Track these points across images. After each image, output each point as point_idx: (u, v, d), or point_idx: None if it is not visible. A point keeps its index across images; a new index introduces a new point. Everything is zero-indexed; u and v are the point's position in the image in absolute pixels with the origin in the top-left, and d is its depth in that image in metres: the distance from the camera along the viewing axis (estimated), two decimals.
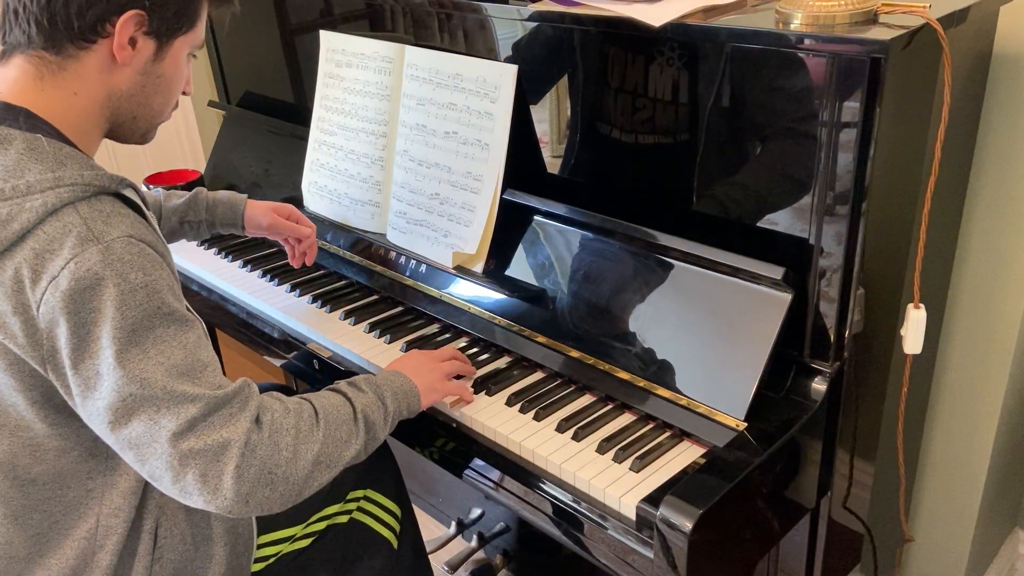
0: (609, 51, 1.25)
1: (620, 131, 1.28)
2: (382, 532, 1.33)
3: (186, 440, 0.92)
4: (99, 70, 0.98)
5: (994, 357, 1.45)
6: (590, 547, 1.09)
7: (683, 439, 1.15)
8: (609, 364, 1.23)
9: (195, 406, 0.92)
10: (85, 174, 0.93)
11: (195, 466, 0.92)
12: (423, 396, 1.18)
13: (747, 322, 1.13)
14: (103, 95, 1.00)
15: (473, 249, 1.40)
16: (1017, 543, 1.80)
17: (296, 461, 0.98)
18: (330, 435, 1.02)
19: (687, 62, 1.16)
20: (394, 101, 1.51)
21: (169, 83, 1.05)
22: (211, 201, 1.49)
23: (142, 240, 0.93)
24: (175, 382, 0.92)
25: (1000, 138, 1.33)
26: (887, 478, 1.42)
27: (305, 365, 1.47)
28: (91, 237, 0.89)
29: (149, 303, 0.91)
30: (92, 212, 0.91)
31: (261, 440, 0.96)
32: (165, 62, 1.02)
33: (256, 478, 0.94)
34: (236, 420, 0.95)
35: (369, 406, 1.09)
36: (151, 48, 1.00)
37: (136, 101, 1.02)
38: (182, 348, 0.94)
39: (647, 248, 1.23)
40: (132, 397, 0.90)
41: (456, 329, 1.43)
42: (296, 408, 1.02)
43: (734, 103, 1.13)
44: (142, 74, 1.01)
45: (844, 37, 1.00)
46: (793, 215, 1.11)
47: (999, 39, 1.28)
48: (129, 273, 0.90)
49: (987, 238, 1.39)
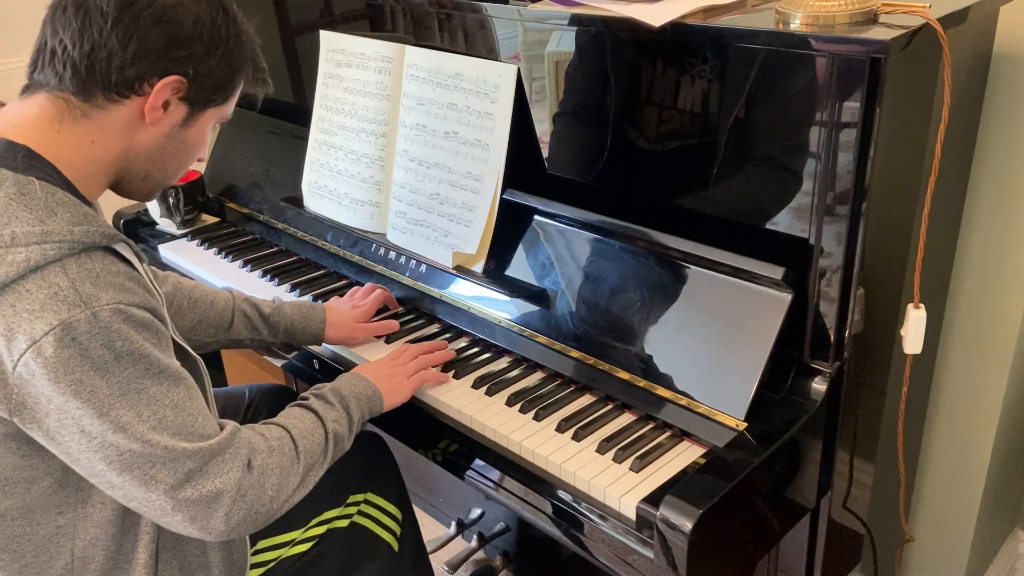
0: (608, 51, 1.25)
1: (618, 131, 1.28)
2: (383, 535, 1.33)
3: (183, 491, 0.93)
4: (124, 125, 0.96)
5: (994, 357, 1.45)
6: (590, 547, 1.09)
7: (683, 439, 1.15)
8: (609, 364, 1.23)
9: (191, 460, 0.93)
10: (75, 229, 0.88)
11: (187, 511, 0.94)
12: (386, 399, 1.21)
13: (747, 322, 1.13)
14: (121, 149, 0.98)
15: (473, 249, 1.40)
16: (1017, 543, 1.80)
17: (278, 497, 1.02)
18: (307, 463, 1.06)
19: (686, 62, 1.16)
20: (394, 101, 1.51)
21: (190, 149, 1.04)
22: (288, 326, 1.40)
23: (131, 304, 0.89)
24: (170, 439, 0.92)
25: (1000, 138, 1.33)
26: (887, 478, 1.42)
27: (305, 365, 1.47)
28: (79, 302, 0.86)
29: (135, 368, 0.89)
30: (81, 272, 0.87)
31: (251, 485, 0.98)
32: (192, 129, 1.01)
33: (243, 518, 0.98)
34: (229, 469, 0.96)
35: (337, 420, 1.13)
36: (182, 114, 0.99)
37: (152, 161, 1.01)
38: (173, 406, 0.93)
39: (647, 248, 1.23)
40: (131, 454, 0.90)
41: (456, 329, 1.43)
42: (278, 445, 1.04)
43: (734, 103, 1.13)
44: (167, 137, 1.00)
45: (844, 37, 1.00)
46: (793, 215, 1.11)
47: (999, 39, 1.28)
48: (116, 342, 0.87)
49: (987, 238, 1.39)
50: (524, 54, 1.38)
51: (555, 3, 1.27)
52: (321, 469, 1.09)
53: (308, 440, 1.07)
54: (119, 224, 1.93)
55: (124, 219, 1.93)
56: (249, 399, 1.47)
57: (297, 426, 1.08)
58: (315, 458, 1.08)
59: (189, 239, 1.86)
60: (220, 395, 1.47)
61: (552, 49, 1.33)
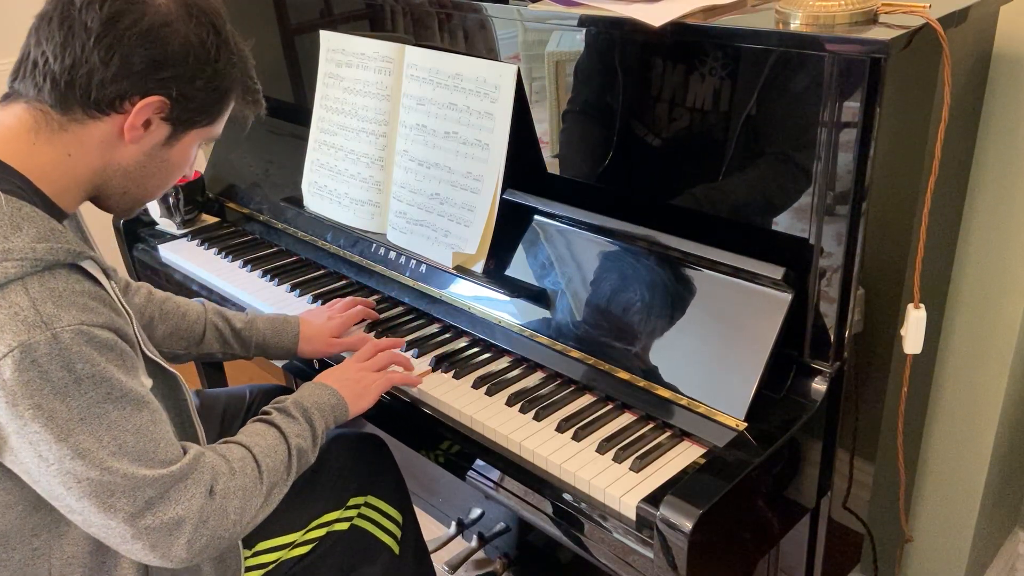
0: (608, 51, 1.25)
1: (619, 131, 1.28)
2: (383, 538, 1.33)
3: (143, 519, 0.91)
4: (102, 141, 0.94)
5: (994, 357, 1.45)
6: (590, 547, 1.09)
7: (683, 439, 1.15)
8: (609, 364, 1.23)
9: (151, 488, 0.91)
10: (39, 247, 0.85)
11: (147, 539, 0.92)
12: (351, 405, 1.20)
13: (747, 322, 1.13)
14: (99, 165, 0.95)
15: (473, 249, 1.40)
16: (1017, 543, 1.80)
17: (241, 520, 1.00)
18: (270, 481, 1.04)
19: (687, 63, 1.16)
20: (394, 101, 1.51)
21: (171, 168, 1.01)
22: (260, 341, 1.39)
23: (94, 325, 0.87)
24: (130, 466, 0.89)
25: (1000, 138, 1.33)
26: (887, 478, 1.42)
27: (305, 365, 1.47)
28: (39, 323, 0.83)
29: (96, 392, 0.87)
30: (43, 291, 0.84)
31: (213, 510, 0.96)
32: (174, 149, 0.99)
33: (205, 545, 0.96)
34: (192, 495, 0.94)
35: (300, 435, 1.11)
36: (164, 133, 0.96)
37: (131, 178, 0.98)
38: (134, 431, 0.90)
39: (647, 248, 1.23)
40: (89, 481, 0.88)
41: (456, 329, 1.43)
42: (240, 467, 1.02)
43: (734, 103, 1.13)
44: (147, 155, 0.97)
45: (844, 37, 1.00)
46: (793, 215, 1.11)
47: (999, 39, 1.28)
48: (76, 364, 0.85)
49: (987, 238, 1.39)
50: (524, 54, 1.38)
51: (555, 3, 1.27)
52: (285, 486, 1.07)
53: (271, 458, 1.05)
54: (119, 224, 1.93)
55: (124, 219, 1.93)
56: (250, 399, 1.47)
57: (260, 444, 1.06)
58: (278, 476, 1.06)
59: (189, 239, 1.86)
60: (221, 395, 1.47)
61: (552, 49, 1.33)
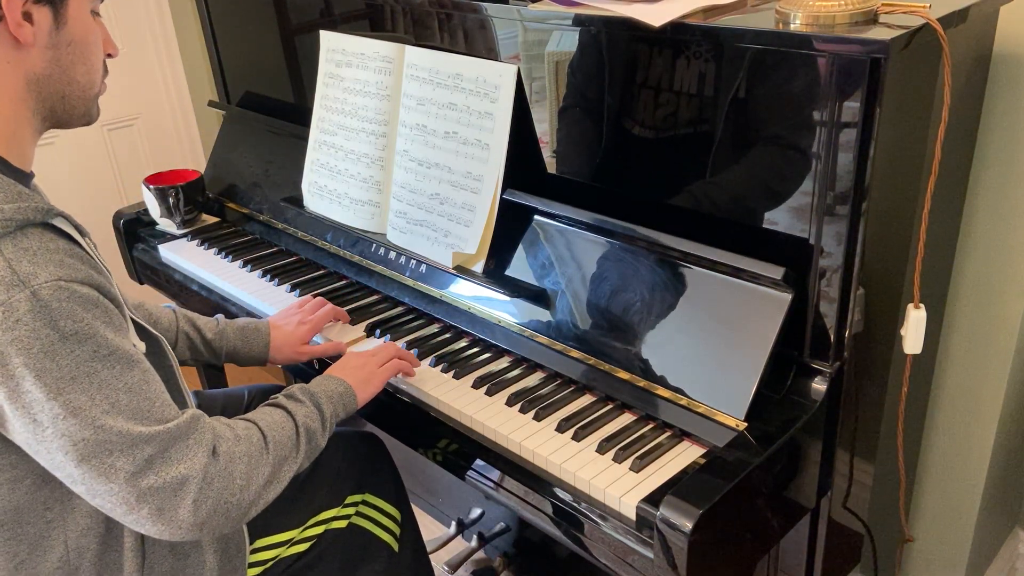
0: (607, 50, 1.25)
1: (619, 130, 1.28)
2: (382, 536, 1.33)
3: (144, 478, 0.90)
4: (6, 59, 0.90)
5: (994, 357, 1.45)
6: (590, 547, 1.09)
7: (683, 439, 1.15)
8: (609, 364, 1.23)
9: (150, 445, 0.90)
10: (6, 208, 0.85)
11: (152, 502, 0.91)
12: (358, 391, 1.20)
13: (747, 322, 1.13)
14: (22, 84, 0.92)
15: (473, 249, 1.40)
16: (1017, 543, 1.80)
17: (248, 487, 0.99)
18: (277, 455, 1.04)
19: (686, 62, 1.16)
20: (394, 101, 1.51)
21: (84, 48, 0.97)
22: (231, 350, 1.40)
23: (73, 280, 0.86)
24: (126, 424, 0.89)
25: (1000, 138, 1.33)
26: (887, 478, 1.42)
27: (305, 365, 1.47)
28: (16, 282, 0.83)
29: (83, 349, 0.86)
30: (17, 251, 0.84)
31: (218, 472, 0.95)
32: (69, 26, 0.94)
33: (212, 509, 0.95)
34: (194, 454, 0.94)
35: (308, 416, 1.10)
36: (48, 17, 0.92)
37: (57, 79, 0.95)
38: (127, 390, 0.89)
39: (647, 248, 1.23)
40: (84, 442, 0.87)
41: (456, 329, 1.43)
42: (245, 435, 1.02)
43: (734, 104, 1.13)
44: (52, 48, 0.93)
45: (844, 37, 1.00)
46: (793, 215, 1.11)
47: (999, 39, 1.28)
48: (59, 321, 0.84)
49: (987, 238, 1.39)
50: (524, 54, 1.38)
51: (555, 3, 1.27)
52: (295, 464, 1.06)
53: (277, 432, 1.05)
54: (119, 223, 1.93)
55: (124, 219, 1.93)
56: (248, 399, 1.47)
57: (265, 419, 1.06)
58: (286, 451, 1.05)
59: (189, 239, 1.86)
60: (219, 396, 1.47)
61: (552, 49, 1.33)
